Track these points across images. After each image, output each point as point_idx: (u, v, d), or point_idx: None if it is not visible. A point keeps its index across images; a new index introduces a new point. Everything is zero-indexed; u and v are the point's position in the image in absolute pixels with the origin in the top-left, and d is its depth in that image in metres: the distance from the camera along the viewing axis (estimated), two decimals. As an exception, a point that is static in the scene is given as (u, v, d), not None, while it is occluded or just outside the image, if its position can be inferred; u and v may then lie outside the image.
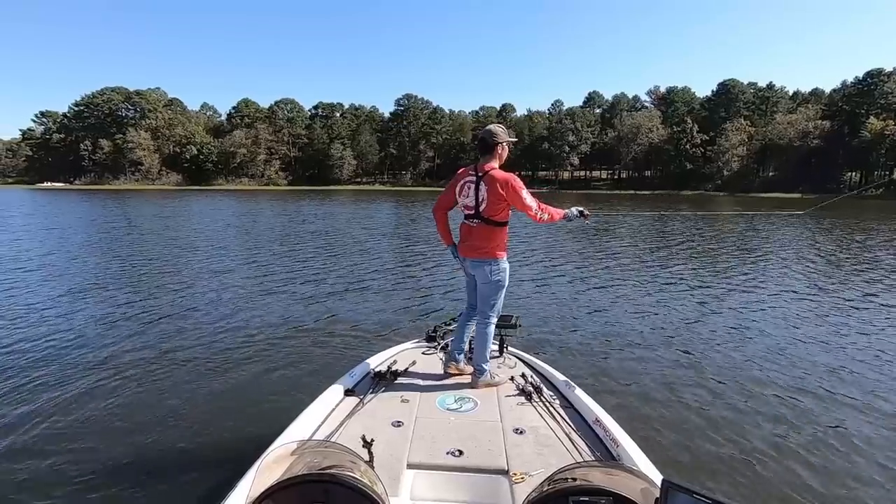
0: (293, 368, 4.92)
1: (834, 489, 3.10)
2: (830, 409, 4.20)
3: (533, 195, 3.00)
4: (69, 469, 3.17)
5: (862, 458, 3.45)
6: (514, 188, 2.89)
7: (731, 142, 71.37)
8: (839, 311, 7.42)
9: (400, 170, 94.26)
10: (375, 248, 13.97)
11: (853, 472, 3.29)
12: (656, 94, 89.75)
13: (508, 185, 2.88)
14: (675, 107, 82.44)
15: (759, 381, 4.77)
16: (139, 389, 4.39)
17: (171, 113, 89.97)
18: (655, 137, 76.89)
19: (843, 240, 16.62)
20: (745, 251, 14.02)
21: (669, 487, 1.21)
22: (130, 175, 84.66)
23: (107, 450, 3.40)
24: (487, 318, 3.09)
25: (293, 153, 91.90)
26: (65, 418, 3.85)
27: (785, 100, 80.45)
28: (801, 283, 9.63)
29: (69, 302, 7.48)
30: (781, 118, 72.30)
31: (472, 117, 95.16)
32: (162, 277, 9.29)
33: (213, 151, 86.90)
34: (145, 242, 14.73)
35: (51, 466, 3.20)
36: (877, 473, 3.29)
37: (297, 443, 1.57)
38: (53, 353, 5.29)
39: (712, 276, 10.40)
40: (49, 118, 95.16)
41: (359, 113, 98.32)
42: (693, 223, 23.40)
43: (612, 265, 11.58)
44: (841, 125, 65.94)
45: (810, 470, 3.29)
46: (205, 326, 6.28)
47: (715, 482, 3.13)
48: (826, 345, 5.90)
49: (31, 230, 18.25)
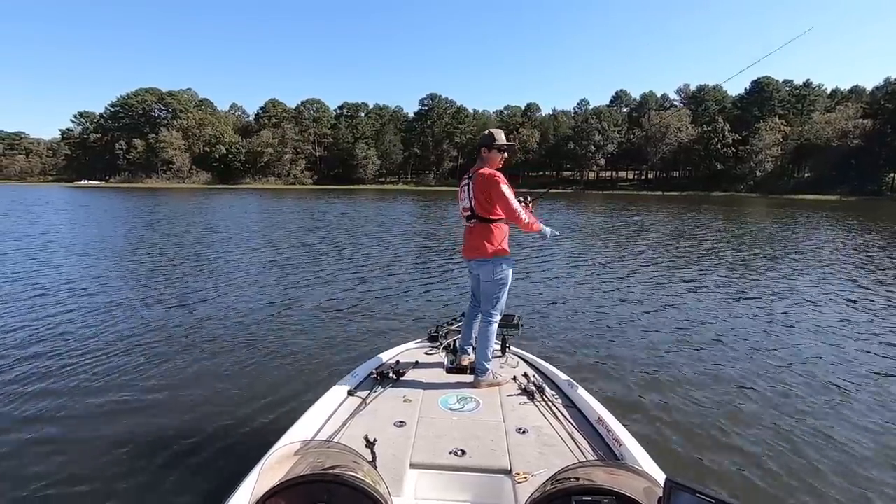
0: (296, 369, 4.93)
1: (839, 489, 3.04)
2: (837, 410, 4.11)
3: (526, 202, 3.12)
4: (72, 469, 3.17)
5: (869, 459, 3.37)
6: (493, 180, 2.90)
7: (766, 141, 68.94)
8: (854, 312, 7.20)
9: (423, 169, 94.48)
10: (381, 248, 13.94)
11: (859, 472, 3.23)
12: (686, 93, 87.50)
13: (490, 180, 2.91)
14: (705, 105, 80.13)
15: (763, 381, 4.67)
16: (141, 390, 4.40)
17: (201, 113, 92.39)
18: (684, 137, 74.97)
19: (869, 243, 15.82)
20: (752, 250, 13.72)
21: (673, 487, 1.21)
22: (162, 174, 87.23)
23: (109, 449, 3.41)
24: (490, 317, 3.08)
25: (319, 152, 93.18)
26: (68, 419, 3.86)
27: (822, 98, 77.44)
28: (807, 283, 9.36)
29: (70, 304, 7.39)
30: (819, 117, 69.57)
31: (497, 117, 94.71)
32: (163, 279, 9.32)
33: (241, 151, 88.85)
34: (155, 241, 14.89)
35: (54, 466, 3.20)
36: (883, 474, 3.20)
37: (300, 443, 1.58)
38: (54, 353, 5.27)
39: (718, 275, 10.17)
40: (87, 118, 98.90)
41: (383, 113, 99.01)
42: (708, 222, 22.77)
43: (614, 264, 11.43)
44: (883, 124, 62.80)
45: (815, 470, 3.23)
46: (207, 327, 6.29)
47: (718, 481, 3.10)
48: (836, 346, 5.76)
49: (64, 225, 18.91)
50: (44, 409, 3.99)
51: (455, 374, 3.13)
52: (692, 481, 1.20)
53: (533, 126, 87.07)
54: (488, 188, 2.92)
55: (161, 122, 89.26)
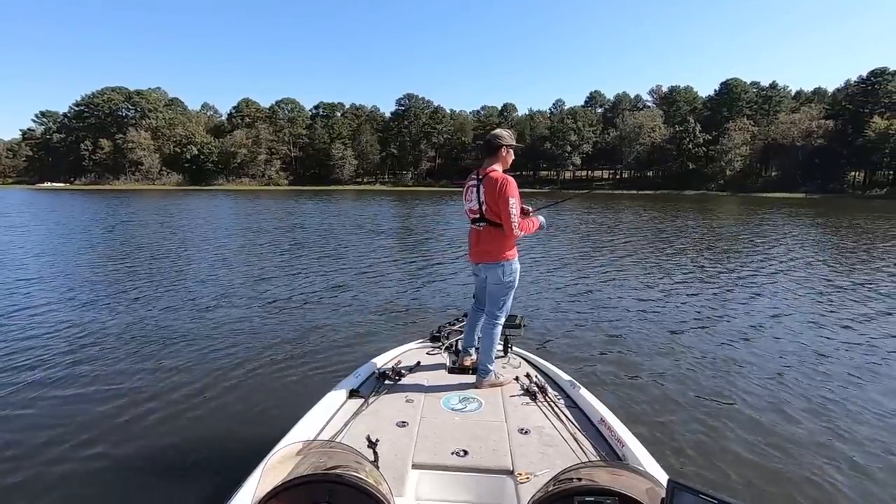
0: (297, 369, 4.89)
1: (845, 489, 3.02)
2: (843, 409, 4.10)
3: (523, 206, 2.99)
4: (74, 470, 3.18)
5: (872, 459, 3.36)
6: (506, 192, 2.80)
7: (735, 141, 70.99)
8: (858, 312, 7.20)
9: (401, 169, 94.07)
10: (379, 249, 13.84)
11: (864, 472, 3.21)
12: (658, 94, 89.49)
13: (502, 187, 2.81)
14: (677, 106, 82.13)
15: (766, 381, 4.65)
16: (143, 390, 4.38)
17: (171, 113, 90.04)
18: (657, 137, 76.63)
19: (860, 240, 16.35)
20: (757, 250, 13.87)
21: (675, 487, 1.21)
22: (131, 175, 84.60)
23: (112, 450, 3.42)
24: (495, 319, 3.04)
25: (294, 153, 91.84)
26: (69, 419, 3.85)
27: (788, 99, 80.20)
28: (813, 281, 9.43)
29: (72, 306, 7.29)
30: (784, 117, 71.99)
31: (474, 117, 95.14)
32: (161, 280, 9.19)
33: (213, 151, 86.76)
34: (145, 243, 14.59)
35: (55, 467, 3.21)
36: (887, 474, 3.20)
37: (302, 443, 1.59)
38: (56, 352, 5.26)
39: (722, 273, 10.24)
40: (49, 118, 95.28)
41: (360, 113, 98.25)
42: (702, 221, 23.23)
43: (616, 264, 11.45)
44: (845, 124, 65.41)
45: (819, 470, 3.22)
46: (209, 327, 6.25)
47: (721, 482, 3.08)
48: (844, 344, 5.75)
49: (31, 229, 18.08)
50: (44, 410, 4.00)
51: (457, 374, 3.10)
52: (695, 482, 1.19)
53: (510, 126, 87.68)
54: (500, 199, 2.84)
55: (129, 122, 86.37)
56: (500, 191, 2.82)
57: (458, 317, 3.94)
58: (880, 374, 4.87)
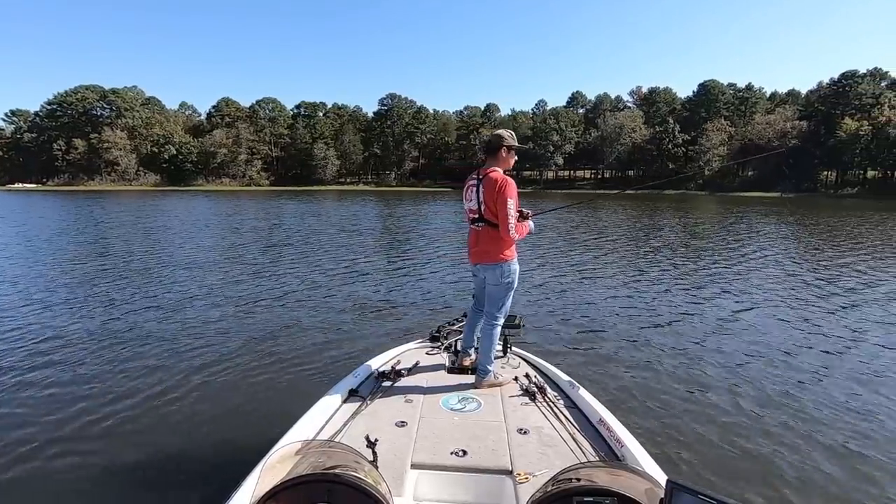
0: (297, 369, 4.89)
1: (843, 490, 3.05)
2: (843, 409, 4.12)
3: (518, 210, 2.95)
4: (75, 470, 3.21)
5: (871, 458, 3.38)
6: (504, 193, 2.79)
7: (713, 141, 72.35)
8: (853, 313, 7.29)
9: (384, 170, 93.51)
10: (374, 249, 13.77)
11: (862, 472, 3.23)
12: (639, 95, 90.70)
13: (501, 188, 2.80)
14: (657, 107, 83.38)
15: (766, 382, 4.67)
16: (143, 391, 4.36)
17: (148, 112, 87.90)
18: (638, 137, 77.64)
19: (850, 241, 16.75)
20: (758, 250, 13.99)
21: (674, 488, 1.21)
22: (106, 175, 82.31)
23: (111, 451, 3.43)
24: (494, 319, 3.03)
25: (275, 153, 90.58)
26: (69, 420, 3.86)
27: (763, 100, 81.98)
28: (810, 283, 9.48)
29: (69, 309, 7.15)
30: (760, 118, 73.68)
31: (457, 117, 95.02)
32: (158, 281, 9.10)
33: (192, 151, 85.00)
34: (133, 246, 14.29)
35: (56, 468, 3.23)
36: (885, 473, 3.22)
37: (301, 443, 1.60)
38: (56, 353, 5.26)
39: (724, 273, 10.34)
40: (20, 117, 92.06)
41: (342, 112, 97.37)
42: (698, 221, 23.61)
43: (616, 264, 11.53)
44: (817, 125, 67.28)
45: (818, 470, 3.23)
46: (208, 328, 6.21)
47: (720, 482, 3.09)
48: (845, 343, 5.80)
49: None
50: (43, 410, 4.03)
51: (456, 374, 3.08)
52: (694, 482, 1.19)
53: (493, 126, 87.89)
54: (498, 200, 2.85)
55: (104, 122, 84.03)
56: (498, 191, 2.82)
57: (458, 317, 3.93)
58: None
